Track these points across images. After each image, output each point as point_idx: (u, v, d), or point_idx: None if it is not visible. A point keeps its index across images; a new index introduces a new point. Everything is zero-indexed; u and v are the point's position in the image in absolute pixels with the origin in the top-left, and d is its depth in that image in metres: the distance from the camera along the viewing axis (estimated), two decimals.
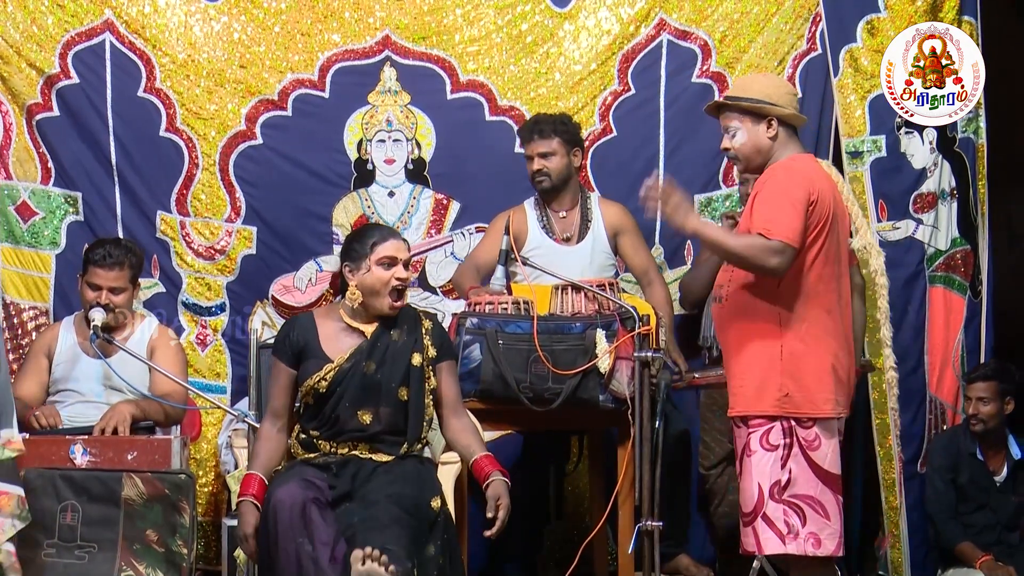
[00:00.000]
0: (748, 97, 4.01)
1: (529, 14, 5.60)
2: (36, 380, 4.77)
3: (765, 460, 3.90)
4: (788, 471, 3.88)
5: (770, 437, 3.90)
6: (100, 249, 4.72)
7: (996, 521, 5.24)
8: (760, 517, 3.90)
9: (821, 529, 3.89)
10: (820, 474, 3.89)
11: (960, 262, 5.41)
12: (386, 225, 4.27)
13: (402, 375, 4.05)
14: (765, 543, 3.91)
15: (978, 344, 5.39)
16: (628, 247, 5.20)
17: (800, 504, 3.88)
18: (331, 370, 4.03)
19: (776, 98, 4.00)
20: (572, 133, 5.14)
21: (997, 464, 5.26)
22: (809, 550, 3.88)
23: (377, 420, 4.02)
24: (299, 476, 3.90)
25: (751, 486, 3.92)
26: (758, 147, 4.01)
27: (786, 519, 3.88)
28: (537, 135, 5.09)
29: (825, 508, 3.89)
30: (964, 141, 5.40)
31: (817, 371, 3.89)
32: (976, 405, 5.17)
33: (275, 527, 3.81)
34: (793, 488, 3.88)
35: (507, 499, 3.93)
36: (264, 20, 5.54)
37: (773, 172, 3.95)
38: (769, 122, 3.98)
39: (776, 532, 3.88)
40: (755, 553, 4.00)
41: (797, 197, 3.85)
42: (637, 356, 4.31)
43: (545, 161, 5.09)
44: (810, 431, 3.89)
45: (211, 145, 5.52)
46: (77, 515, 4.22)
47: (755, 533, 3.92)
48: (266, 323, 5.50)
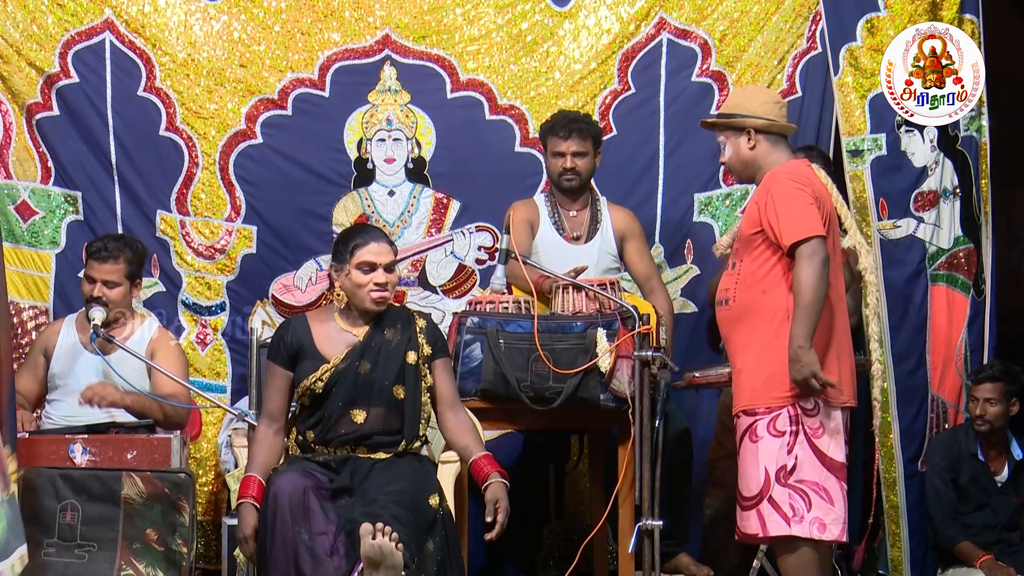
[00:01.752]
0: (723, 113, 4.19)
1: (529, 13, 5.59)
2: (32, 376, 4.78)
3: (772, 445, 3.98)
4: (794, 457, 3.97)
5: (777, 423, 3.98)
6: (98, 242, 4.74)
7: (996, 521, 5.23)
8: (766, 500, 3.97)
9: (826, 514, 3.97)
10: (825, 461, 3.98)
11: (963, 260, 5.40)
12: (372, 227, 4.21)
13: (396, 373, 4.06)
14: (770, 525, 3.97)
15: (981, 343, 5.39)
16: (633, 253, 5.21)
17: (805, 489, 3.96)
18: (327, 370, 4.04)
19: (751, 109, 4.13)
20: (599, 135, 5.19)
21: (998, 465, 5.25)
22: (815, 534, 3.96)
23: (369, 419, 4.03)
24: (300, 467, 3.92)
25: (756, 470, 3.99)
26: (741, 159, 4.16)
27: (791, 503, 3.96)
28: (576, 133, 5.08)
29: (829, 494, 3.98)
30: (967, 140, 5.39)
31: (824, 361, 3.97)
32: (983, 406, 5.16)
33: (274, 515, 3.81)
34: (798, 474, 3.97)
35: (506, 501, 3.93)
36: (264, 19, 5.54)
37: (774, 179, 4.04)
38: (748, 134, 4.11)
39: (782, 515, 3.96)
40: (757, 536, 4.03)
41: (805, 195, 3.99)
42: (637, 355, 4.31)
43: (579, 160, 5.10)
44: (815, 419, 3.98)
45: (211, 144, 5.52)
46: (77, 514, 4.22)
47: (760, 516, 3.98)
48: (266, 322, 5.50)
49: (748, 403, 4.03)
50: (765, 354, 4.01)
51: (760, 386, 4.01)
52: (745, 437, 4.03)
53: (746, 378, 4.06)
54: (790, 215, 3.96)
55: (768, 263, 4.04)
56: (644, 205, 5.56)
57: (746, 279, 4.07)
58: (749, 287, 4.06)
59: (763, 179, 4.09)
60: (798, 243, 3.93)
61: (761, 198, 4.04)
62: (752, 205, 4.12)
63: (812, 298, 3.90)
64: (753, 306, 4.03)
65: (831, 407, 4.01)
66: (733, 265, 4.16)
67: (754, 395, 4.02)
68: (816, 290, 3.90)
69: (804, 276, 3.90)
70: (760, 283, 4.04)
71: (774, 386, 3.98)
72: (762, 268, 4.05)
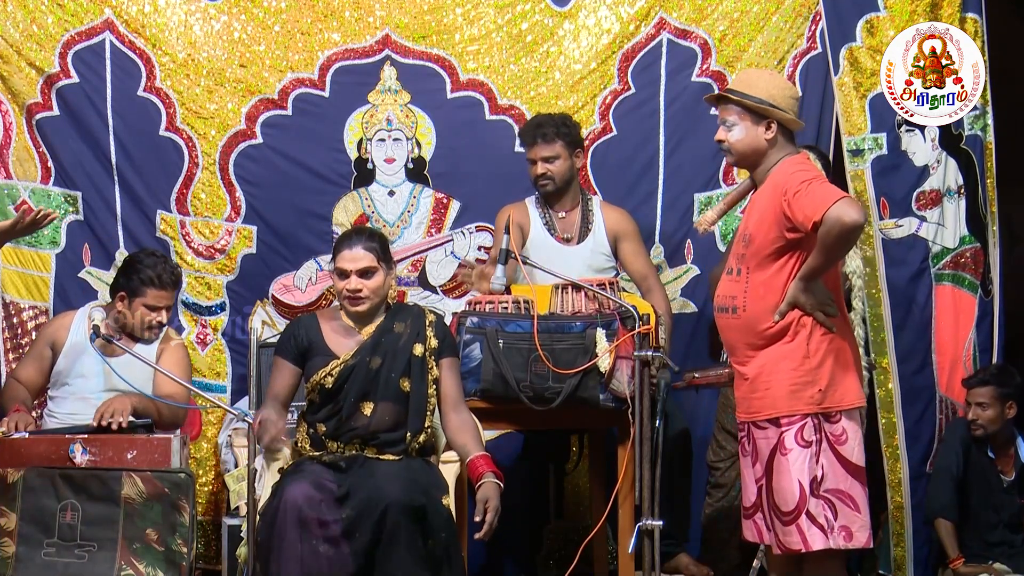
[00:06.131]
0: (753, 96, 4.00)
1: (529, 13, 5.59)
2: (36, 367, 4.77)
3: (802, 457, 3.91)
4: (821, 467, 3.91)
5: (804, 434, 3.91)
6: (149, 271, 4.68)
7: (999, 520, 5.23)
8: (804, 514, 3.90)
9: (852, 522, 3.92)
10: (849, 467, 3.93)
11: (970, 260, 5.39)
12: (355, 233, 4.23)
13: (404, 366, 4.13)
14: (811, 539, 3.90)
15: (990, 343, 5.38)
16: (628, 253, 5.19)
17: (831, 498, 3.90)
18: (337, 366, 4.11)
19: (779, 101, 3.99)
20: (574, 135, 5.14)
21: (1007, 466, 5.25)
22: (842, 543, 3.90)
23: (376, 412, 4.08)
24: (309, 476, 3.94)
25: (791, 484, 3.91)
26: (754, 147, 4.01)
27: (825, 514, 3.90)
28: (540, 139, 5.08)
29: (855, 500, 3.92)
30: (971, 138, 5.39)
31: (844, 364, 3.94)
32: (975, 410, 5.15)
33: (283, 524, 3.83)
34: (824, 483, 3.91)
35: (496, 501, 3.95)
36: (264, 19, 5.54)
37: (787, 178, 3.91)
38: (769, 124, 3.98)
39: (819, 528, 3.89)
40: (800, 551, 3.95)
41: (822, 177, 3.92)
42: (637, 355, 4.31)
43: (549, 165, 5.09)
44: (837, 425, 3.92)
45: (211, 144, 5.52)
46: (77, 514, 4.22)
47: (800, 530, 3.90)
48: (266, 322, 5.50)
49: (773, 411, 3.94)
50: (783, 362, 3.92)
51: (783, 394, 3.92)
52: (776, 451, 3.94)
53: (763, 386, 3.96)
54: (814, 192, 3.81)
55: (782, 272, 3.92)
56: (644, 205, 5.56)
57: (757, 288, 3.95)
58: (762, 297, 3.94)
59: (770, 178, 3.97)
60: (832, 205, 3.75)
61: (775, 197, 3.90)
62: (766, 206, 3.95)
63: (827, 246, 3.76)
64: (767, 312, 3.92)
65: (850, 410, 3.94)
66: (738, 272, 4.02)
67: (778, 403, 3.93)
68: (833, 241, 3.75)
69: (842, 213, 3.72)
70: (773, 293, 3.92)
71: (798, 395, 3.91)
72: (775, 278, 3.93)
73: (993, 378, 5.15)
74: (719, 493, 5.31)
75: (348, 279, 4.15)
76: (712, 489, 5.36)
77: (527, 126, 5.20)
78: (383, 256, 4.20)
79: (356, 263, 4.15)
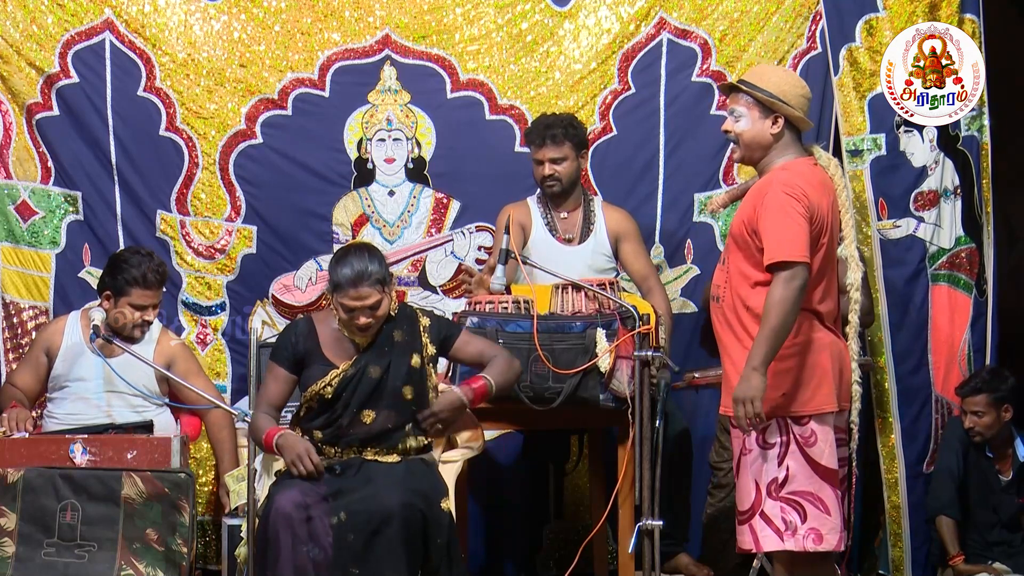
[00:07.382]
0: (763, 88, 3.94)
1: (529, 13, 5.59)
2: (32, 373, 4.79)
3: (762, 458, 3.88)
4: (786, 468, 3.86)
5: (766, 436, 3.88)
6: (135, 270, 4.71)
7: (997, 520, 5.23)
8: (758, 515, 3.88)
9: (822, 524, 3.87)
10: (818, 470, 3.87)
11: (965, 260, 5.40)
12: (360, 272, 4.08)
13: (405, 374, 4.11)
14: (763, 540, 3.89)
15: (984, 343, 5.38)
16: (629, 253, 5.19)
17: (799, 500, 3.86)
18: (336, 376, 4.08)
19: (789, 97, 3.94)
20: (581, 136, 5.14)
21: (1005, 466, 5.25)
22: (809, 546, 3.86)
23: (378, 419, 4.08)
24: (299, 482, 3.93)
25: (748, 484, 3.90)
26: (760, 141, 3.96)
27: (784, 516, 3.86)
28: (550, 140, 5.07)
29: (825, 503, 3.87)
30: (968, 139, 5.39)
31: (813, 368, 3.87)
32: (971, 419, 5.15)
33: (276, 531, 3.83)
34: (791, 485, 3.86)
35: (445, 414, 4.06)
36: (264, 19, 5.53)
37: (771, 185, 3.87)
38: (776, 118, 3.93)
39: (774, 529, 3.86)
40: (752, 551, 3.99)
41: (798, 212, 3.80)
42: (637, 355, 4.31)
43: (557, 166, 5.09)
44: (806, 427, 3.87)
45: (211, 144, 5.52)
46: (77, 514, 4.23)
47: (752, 531, 3.90)
48: (266, 322, 5.50)
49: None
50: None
51: None
52: (740, 451, 3.93)
53: (729, 385, 3.91)
54: (778, 231, 3.78)
55: (757, 264, 3.87)
56: (644, 205, 5.56)
57: (735, 277, 3.93)
58: (738, 286, 3.92)
59: (764, 178, 3.95)
60: (779, 264, 3.75)
61: (756, 200, 3.88)
62: (748, 204, 3.94)
63: (780, 323, 3.73)
64: (743, 306, 3.89)
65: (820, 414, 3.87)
66: (723, 261, 4.02)
67: None
68: (787, 316, 3.73)
69: (777, 298, 3.73)
70: (747, 282, 3.89)
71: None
72: (750, 268, 3.90)
73: (985, 385, 5.14)
74: (721, 494, 5.31)
75: (355, 314, 4.06)
76: (714, 489, 5.36)
77: (535, 126, 5.18)
78: (385, 280, 4.12)
79: (364, 301, 4.06)
